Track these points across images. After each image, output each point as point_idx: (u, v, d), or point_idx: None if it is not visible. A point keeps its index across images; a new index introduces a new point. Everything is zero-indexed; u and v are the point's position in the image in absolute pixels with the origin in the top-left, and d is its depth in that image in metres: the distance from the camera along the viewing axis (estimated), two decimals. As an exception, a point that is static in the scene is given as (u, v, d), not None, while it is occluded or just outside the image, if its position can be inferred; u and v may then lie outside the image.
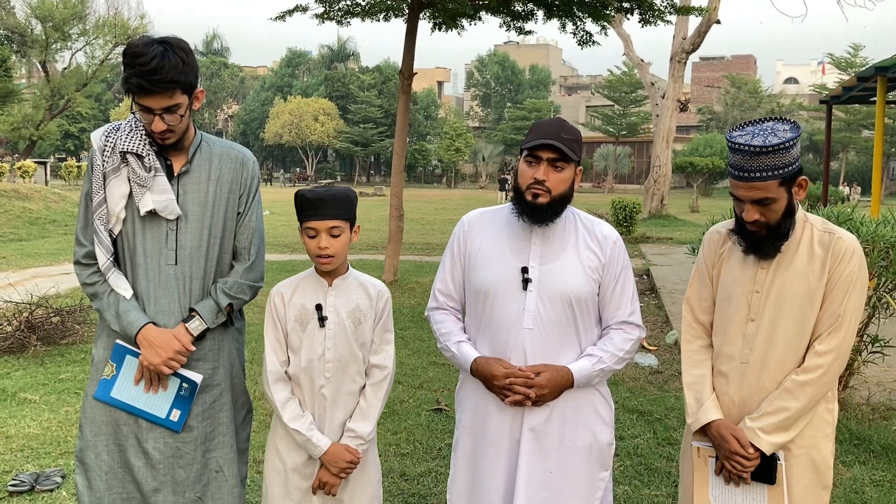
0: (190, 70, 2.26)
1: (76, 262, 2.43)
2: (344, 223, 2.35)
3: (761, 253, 2.25)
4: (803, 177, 2.21)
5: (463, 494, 2.46)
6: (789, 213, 2.20)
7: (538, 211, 2.31)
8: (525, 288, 2.34)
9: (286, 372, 2.41)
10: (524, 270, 2.34)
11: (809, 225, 2.26)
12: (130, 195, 2.34)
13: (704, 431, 2.32)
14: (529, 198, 2.31)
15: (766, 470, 2.22)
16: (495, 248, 2.41)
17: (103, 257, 2.35)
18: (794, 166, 2.16)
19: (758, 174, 2.13)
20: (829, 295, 2.19)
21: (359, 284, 2.45)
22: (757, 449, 2.20)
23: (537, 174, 2.28)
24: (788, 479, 2.23)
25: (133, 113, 2.32)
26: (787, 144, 2.12)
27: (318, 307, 2.38)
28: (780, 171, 2.13)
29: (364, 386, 2.44)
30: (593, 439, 2.38)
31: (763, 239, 2.22)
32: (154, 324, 2.34)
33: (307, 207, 2.33)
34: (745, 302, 2.28)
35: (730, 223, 2.39)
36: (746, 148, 2.13)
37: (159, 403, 2.37)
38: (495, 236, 2.43)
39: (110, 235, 2.36)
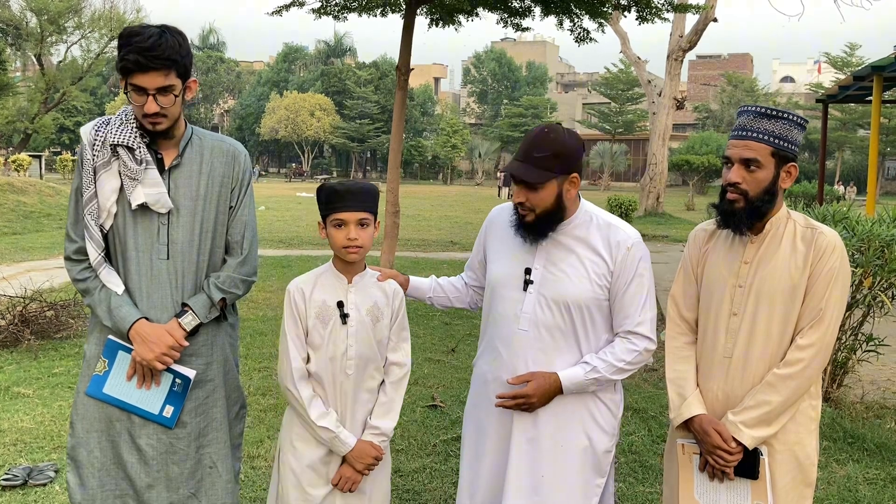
0: (186, 54, 2.27)
1: (67, 258, 2.41)
2: (371, 215, 2.36)
3: (733, 226, 2.26)
4: (794, 164, 2.25)
5: (462, 477, 2.51)
6: (770, 192, 2.22)
7: (528, 229, 2.34)
8: (525, 289, 2.34)
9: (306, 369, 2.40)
10: (527, 271, 2.35)
11: (792, 221, 2.29)
12: (121, 189, 2.33)
13: (688, 427, 2.32)
14: (519, 216, 2.35)
15: (749, 465, 2.22)
16: (507, 245, 2.45)
17: (94, 252, 2.34)
18: (791, 146, 2.22)
19: (755, 134, 2.21)
20: (812, 289, 2.21)
21: (375, 282, 2.46)
22: (739, 443, 2.20)
23: (515, 197, 2.33)
24: (771, 474, 2.23)
25: (125, 93, 2.27)
26: (791, 117, 2.21)
27: (340, 304, 2.37)
28: (777, 141, 2.20)
29: (381, 382, 2.44)
30: (588, 444, 2.36)
31: (738, 211, 2.23)
32: (147, 319, 2.33)
33: (336, 199, 2.32)
34: (728, 297, 2.30)
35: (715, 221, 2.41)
36: (754, 108, 2.25)
37: (152, 399, 2.35)
38: (509, 234, 2.44)
39: (101, 230, 2.35)
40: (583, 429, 2.36)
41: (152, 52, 2.17)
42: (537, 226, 2.31)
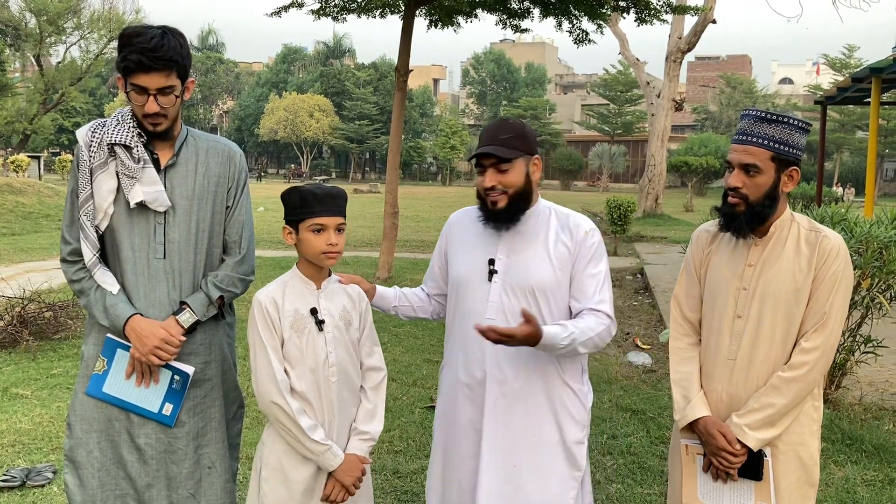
0: (186, 55, 2.29)
1: (62, 260, 2.43)
2: (345, 220, 2.36)
3: (734, 229, 2.28)
4: (796, 168, 2.25)
5: (436, 475, 2.53)
6: (771, 197, 2.23)
7: (500, 215, 2.37)
8: (490, 279, 2.38)
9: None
10: (491, 262, 2.40)
11: (796, 224, 2.30)
12: (118, 190, 2.33)
13: (692, 428, 2.33)
14: (489, 205, 2.37)
15: (752, 466, 2.23)
16: (469, 243, 2.49)
17: (89, 253, 2.34)
18: (792, 150, 2.22)
19: (754, 139, 2.22)
20: (816, 293, 2.22)
21: (341, 287, 2.43)
22: (744, 445, 2.22)
23: (485, 182, 2.35)
24: (775, 475, 2.24)
25: (126, 92, 2.28)
26: (792, 121, 2.21)
27: (314, 311, 2.32)
28: (777, 146, 2.20)
29: (360, 387, 2.42)
30: (560, 435, 2.38)
31: (739, 215, 2.25)
32: (141, 315, 2.33)
33: (315, 203, 2.27)
34: (732, 299, 2.31)
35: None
36: (754, 112, 2.25)
37: (151, 397, 2.35)
38: (471, 232, 2.50)
39: (97, 231, 2.35)
40: (554, 419, 2.37)
41: (155, 52, 2.19)
42: (509, 210, 2.35)
